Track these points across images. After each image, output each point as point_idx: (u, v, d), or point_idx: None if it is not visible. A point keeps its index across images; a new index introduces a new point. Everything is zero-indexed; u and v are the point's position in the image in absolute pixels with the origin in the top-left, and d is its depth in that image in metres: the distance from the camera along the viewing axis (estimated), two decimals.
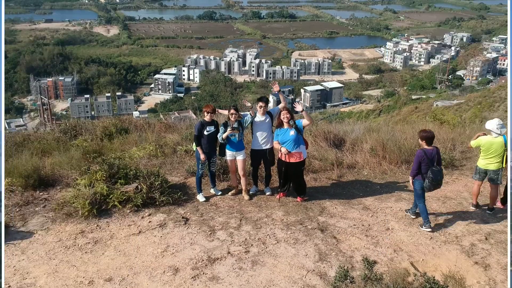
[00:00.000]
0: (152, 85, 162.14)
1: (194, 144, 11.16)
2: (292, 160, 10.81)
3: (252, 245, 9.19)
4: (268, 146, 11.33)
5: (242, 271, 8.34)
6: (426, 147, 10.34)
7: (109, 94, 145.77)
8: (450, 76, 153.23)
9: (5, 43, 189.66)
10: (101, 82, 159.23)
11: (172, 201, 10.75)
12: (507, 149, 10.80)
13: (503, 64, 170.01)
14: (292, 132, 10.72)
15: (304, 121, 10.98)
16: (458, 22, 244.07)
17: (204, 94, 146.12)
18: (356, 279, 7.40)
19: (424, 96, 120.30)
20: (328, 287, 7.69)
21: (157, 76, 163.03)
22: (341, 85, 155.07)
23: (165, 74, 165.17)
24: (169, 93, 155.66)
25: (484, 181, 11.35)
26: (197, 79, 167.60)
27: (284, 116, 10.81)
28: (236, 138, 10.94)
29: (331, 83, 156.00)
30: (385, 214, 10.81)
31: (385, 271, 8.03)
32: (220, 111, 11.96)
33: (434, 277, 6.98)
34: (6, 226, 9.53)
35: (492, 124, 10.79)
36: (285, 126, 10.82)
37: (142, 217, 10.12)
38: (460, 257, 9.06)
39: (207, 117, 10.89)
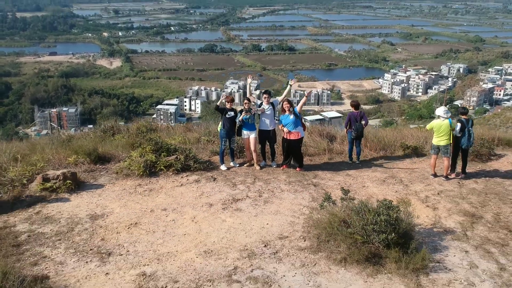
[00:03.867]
0: (154, 116, 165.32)
1: (219, 125, 14.81)
2: (292, 137, 14.49)
3: (264, 192, 12.75)
4: (271, 128, 14.99)
5: (257, 206, 11.83)
6: (353, 110, 16.04)
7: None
8: (447, 106, 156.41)
9: (10, 76, 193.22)
10: (104, 113, 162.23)
11: (203, 168, 14.41)
12: (453, 129, 14.34)
13: (499, 95, 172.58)
14: (292, 116, 14.44)
15: (298, 107, 14.91)
16: (455, 53, 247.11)
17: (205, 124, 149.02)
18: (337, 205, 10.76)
19: (422, 125, 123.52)
20: (317, 207, 11.12)
21: (159, 106, 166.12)
22: (340, 114, 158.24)
23: (167, 104, 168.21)
24: (171, 123, 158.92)
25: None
26: (198, 110, 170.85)
27: (285, 105, 14.47)
28: (249, 120, 14.53)
29: (330, 113, 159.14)
30: (363, 178, 14.35)
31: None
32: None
33: (391, 201, 10.29)
34: (82, 182, 13.02)
35: (440, 110, 14.48)
36: (287, 112, 14.43)
37: (182, 177, 13.74)
38: (416, 203, 12.43)
39: (228, 105, 14.66)
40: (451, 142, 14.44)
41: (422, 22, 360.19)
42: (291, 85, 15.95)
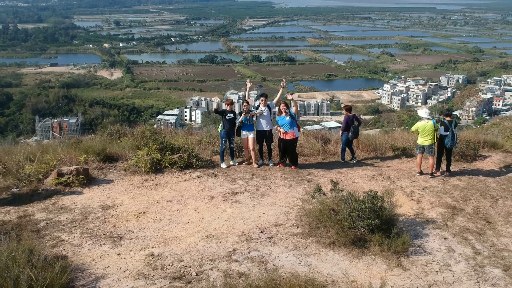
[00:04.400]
0: (155, 126, 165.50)
1: (220, 126, 15.91)
2: (288, 137, 15.60)
3: (261, 187, 13.88)
4: (267, 128, 16.13)
5: (255, 198, 12.93)
6: (348, 114, 17.23)
7: None
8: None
9: (11, 86, 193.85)
10: (105, 123, 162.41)
11: (204, 166, 15.57)
12: (436, 129, 15.43)
13: (498, 105, 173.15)
14: (288, 118, 15.55)
15: (294, 109, 15.87)
16: (454, 64, 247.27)
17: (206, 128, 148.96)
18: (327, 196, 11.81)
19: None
20: (309, 199, 12.16)
21: (159, 116, 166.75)
22: (339, 124, 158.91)
23: (167, 115, 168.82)
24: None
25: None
26: (199, 120, 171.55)
27: (282, 107, 15.57)
28: (248, 121, 15.64)
29: (330, 123, 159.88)
30: (353, 175, 15.45)
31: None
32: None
33: (376, 191, 11.32)
34: (93, 178, 14.10)
35: (423, 113, 15.59)
36: (283, 114, 15.52)
37: (185, 173, 14.87)
38: (402, 196, 13.53)
39: (227, 107, 15.80)
40: (435, 141, 15.53)
41: (421, 33, 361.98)
42: (282, 87, 17.00)
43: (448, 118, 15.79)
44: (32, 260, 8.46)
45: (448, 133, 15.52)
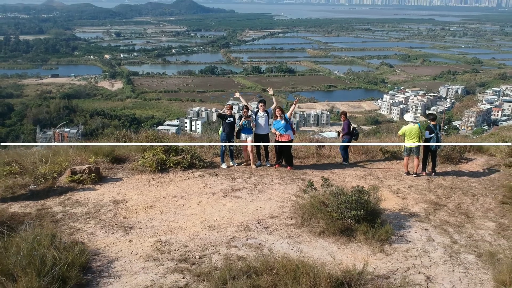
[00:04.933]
0: None
1: (220, 129, 17.10)
2: (283, 139, 16.87)
3: (258, 184, 15.11)
4: (265, 132, 17.45)
5: (253, 194, 14.14)
6: (346, 119, 18.44)
7: None
8: (445, 126, 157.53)
9: (12, 97, 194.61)
10: (106, 133, 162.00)
11: (206, 166, 16.84)
12: (422, 132, 16.60)
13: (497, 115, 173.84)
14: (283, 122, 16.83)
15: (288, 113, 17.17)
16: (453, 75, 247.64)
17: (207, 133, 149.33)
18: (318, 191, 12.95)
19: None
20: (302, 195, 13.30)
21: (160, 127, 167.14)
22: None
23: (167, 125, 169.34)
24: None
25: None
26: (199, 130, 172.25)
27: (277, 112, 16.81)
28: (247, 125, 16.86)
29: (330, 133, 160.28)
30: (344, 175, 16.62)
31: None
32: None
33: (362, 187, 12.45)
34: (104, 176, 15.28)
35: (409, 117, 16.82)
36: (278, 118, 16.74)
37: (188, 173, 16.13)
38: (388, 193, 14.66)
39: (227, 112, 16.99)
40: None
41: (420, 44, 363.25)
42: (271, 94, 18.62)
43: (432, 122, 16.95)
44: (55, 242, 9.56)
45: (433, 135, 16.67)
